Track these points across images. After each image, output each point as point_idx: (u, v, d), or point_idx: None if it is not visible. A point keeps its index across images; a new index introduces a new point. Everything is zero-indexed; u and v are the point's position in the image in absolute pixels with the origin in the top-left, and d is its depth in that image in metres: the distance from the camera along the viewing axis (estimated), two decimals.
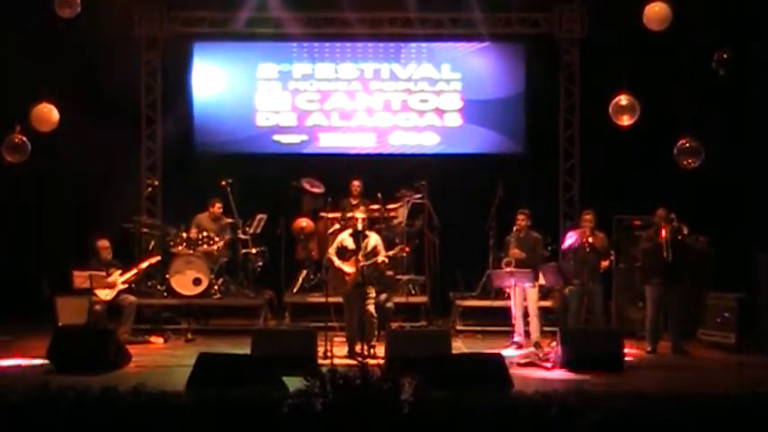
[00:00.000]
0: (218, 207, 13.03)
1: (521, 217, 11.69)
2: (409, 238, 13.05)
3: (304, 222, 13.42)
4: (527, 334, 11.30)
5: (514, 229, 11.69)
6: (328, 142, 14.34)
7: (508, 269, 11.35)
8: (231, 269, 13.23)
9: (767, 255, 11.98)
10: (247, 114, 14.33)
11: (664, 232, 11.13)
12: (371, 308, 10.72)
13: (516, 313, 11.32)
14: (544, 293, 11.88)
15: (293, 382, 6.85)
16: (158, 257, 12.53)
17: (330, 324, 10.99)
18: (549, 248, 12.28)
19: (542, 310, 11.58)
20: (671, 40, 11.61)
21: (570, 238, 11.66)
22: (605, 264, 11.62)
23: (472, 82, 14.28)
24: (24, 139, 11.78)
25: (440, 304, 12.96)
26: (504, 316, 11.96)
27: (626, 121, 11.73)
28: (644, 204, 11.89)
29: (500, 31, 14.07)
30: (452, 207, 13.24)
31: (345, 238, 10.99)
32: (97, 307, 11.49)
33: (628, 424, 6.03)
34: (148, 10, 13.92)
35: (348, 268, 10.81)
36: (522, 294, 11.29)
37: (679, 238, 11.16)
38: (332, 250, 11.06)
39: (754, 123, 12.90)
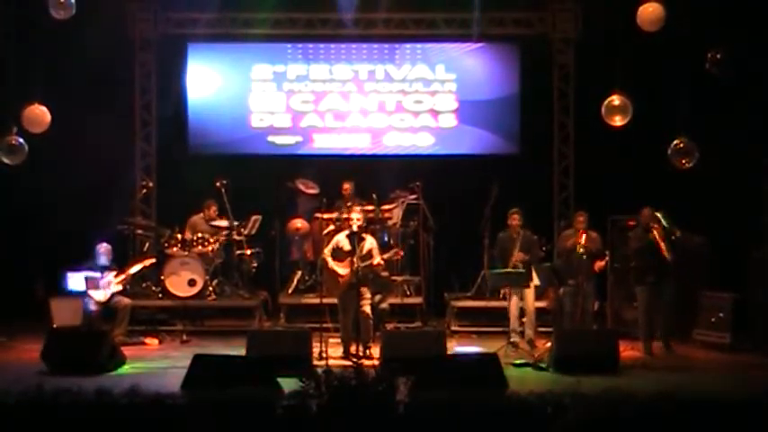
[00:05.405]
0: (213, 210, 13.00)
1: (515, 217, 11.69)
2: (404, 239, 13.06)
3: (299, 223, 13.41)
4: (522, 334, 11.34)
5: (510, 229, 11.69)
6: (323, 143, 14.32)
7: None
8: (226, 270, 13.20)
9: (761, 253, 11.99)
10: (242, 115, 14.30)
11: (655, 232, 11.12)
12: (367, 309, 10.68)
13: (512, 313, 11.35)
14: (539, 294, 11.86)
15: (288, 384, 6.86)
16: (153, 260, 12.49)
17: (325, 325, 11.00)
18: (544, 249, 12.29)
19: (538, 310, 11.58)
20: (665, 40, 11.63)
21: (564, 239, 11.68)
22: (601, 264, 11.58)
23: (467, 83, 14.28)
24: (21, 140, 11.76)
25: (435, 305, 12.96)
26: (498, 317, 11.96)
27: (618, 121, 11.74)
28: (639, 205, 11.88)
29: (494, 31, 14.08)
30: (447, 208, 13.23)
31: (341, 240, 10.97)
32: (92, 308, 11.47)
33: (621, 424, 6.04)
34: (142, 11, 13.91)
35: (342, 269, 10.78)
36: (520, 294, 11.32)
37: (672, 239, 11.16)
38: (327, 251, 11.04)
39: (747, 122, 12.89)
